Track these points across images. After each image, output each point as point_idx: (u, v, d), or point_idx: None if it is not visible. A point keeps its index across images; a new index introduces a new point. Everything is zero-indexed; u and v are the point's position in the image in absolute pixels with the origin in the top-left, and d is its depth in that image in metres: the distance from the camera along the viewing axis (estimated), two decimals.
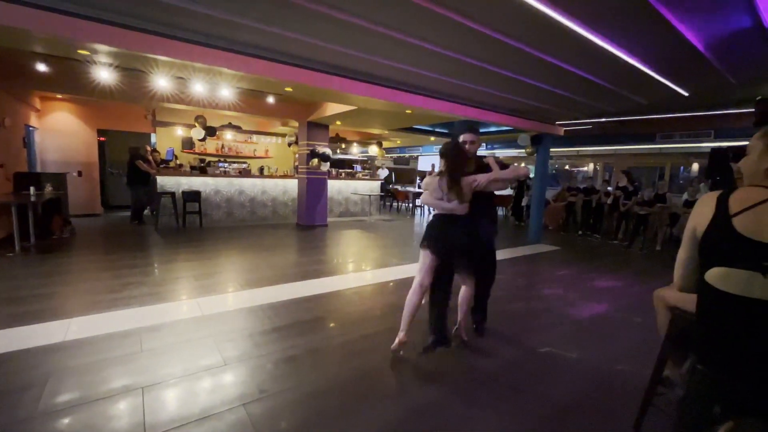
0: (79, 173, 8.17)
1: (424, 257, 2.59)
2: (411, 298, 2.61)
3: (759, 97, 4.57)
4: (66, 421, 1.84)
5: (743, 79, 4.42)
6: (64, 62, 4.88)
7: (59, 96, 7.43)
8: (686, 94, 4.98)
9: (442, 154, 2.58)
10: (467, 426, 1.96)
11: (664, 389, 1.91)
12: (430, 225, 2.64)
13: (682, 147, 9.19)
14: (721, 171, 5.42)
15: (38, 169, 7.37)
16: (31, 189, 5.19)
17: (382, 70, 4.41)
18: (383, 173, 12.25)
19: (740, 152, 1.27)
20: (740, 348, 1.09)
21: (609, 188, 8.84)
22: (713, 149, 5.96)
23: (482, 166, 2.73)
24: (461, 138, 2.76)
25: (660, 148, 9.61)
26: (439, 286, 2.67)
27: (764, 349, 1.05)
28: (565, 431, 1.97)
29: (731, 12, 2.82)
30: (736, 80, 4.40)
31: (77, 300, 3.40)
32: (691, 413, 1.23)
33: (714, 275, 1.11)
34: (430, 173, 2.99)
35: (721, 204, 1.13)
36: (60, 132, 7.96)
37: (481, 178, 2.55)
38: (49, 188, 5.74)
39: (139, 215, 7.60)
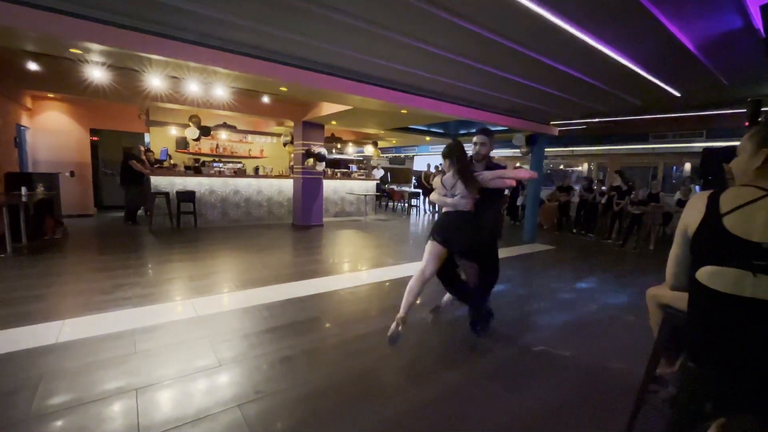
0: (72, 173, 8.09)
1: (430, 246, 2.71)
2: (412, 284, 2.67)
3: (750, 98, 4.63)
4: (59, 423, 1.82)
5: (734, 79, 4.47)
6: (56, 61, 4.84)
7: (51, 95, 7.35)
8: (678, 94, 5.04)
9: (447, 155, 2.69)
10: (462, 425, 1.97)
11: (657, 387, 1.93)
12: (436, 220, 2.80)
13: (674, 147, 9.28)
14: (713, 171, 5.48)
15: (30, 169, 7.27)
16: (23, 189, 5.12)
17: (378, 70, 4.41)
18: (378, 173, 12.25)
19: (731, 152, 1.29)
20: (731, 346, 1.10)
21: (603, 188, 8.91)
22: (705, 149, 6.03)
23: (492, 167, 2.78)
24: (473, 139, 2.81)
25: (653, 148, 9.71)
26: (447, 278, 2.83)
27: (755, 347, 1.07)
28: (559, 429, 1.98)
29: (722, 13, 2.86)
30: (727, 81, 4.45)
31: (70, 301, 3.36)
32: (684, 410, 1.24)
33: (705, 274, 1.12)
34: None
35: (712, 203, 1.15)
36: (52, 131, 7.88)
37: (487, 174, 2.66)
38: (40, 188, 5.67)
39: (132, 215, 7.53)
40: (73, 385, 2.12)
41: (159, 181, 7.22)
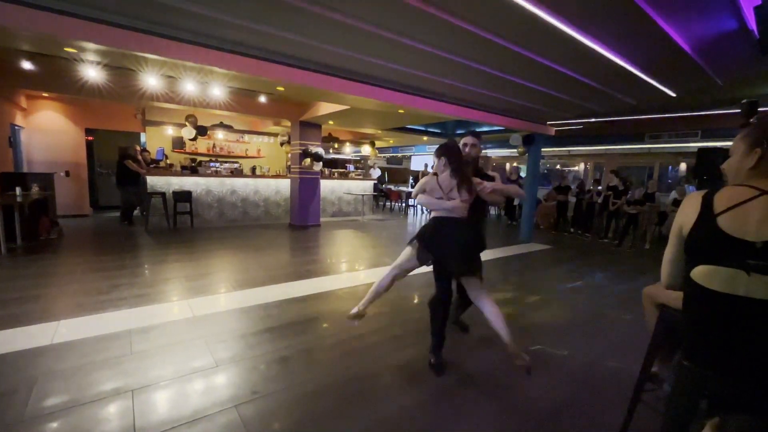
0: (67, 173, 8.03)
1: (407, 257, 2.51)
2: (381, 282, 2.61)
3: (744, 100, 4.67)
4: (54, 425, 1.81)
5: (729, 80, 4.50)
6: (51, 60, 4.79)
7: (46, 94, 7.29)
8: (674, 94, 5.06)
9: (443, 153, 2.45)
10: (459, 425, 1.97)
11: (652, 385, 1.95)
12: (425, 225, 2.48)
13: (670, 147, 9.34)
14: (708, 171, 5.51)
15: (24, 169, 7.23)
16: (17, 189, 5.08)
17: (375, 70, 4.41)
18: (375, 173, 12.22)
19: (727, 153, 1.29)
20: (725, 345, 1.11)
21: (599, 188, 8.95)
22: (701, 149, 6.07)
23: (479, 172, 2.72)
24: (462, 141, 2.75)
25: (649, 148, 9.76)
26: (440, 296, 2.53)
27: (749, 345, 1.07)
28: (556, 427, 1.99)
29: (717, 14, 2.88)
30: (722, 81, 4.48)
31: (65, 302, 3.34)
32: (678, 409, 1.25)
33: (699, 273, 1.13)
34: (425, 173, 2.89)
35: (706, 203, 1.15)
36: (47, 131, 7.82)
37: (488, 184, 2.47)
38: (35, 189, 5.63)
39: (128, 216, 7.50)
40: (69, 386, 2.11)
41: (155, 181, 7.19)
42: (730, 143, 1.26)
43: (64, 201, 7.68)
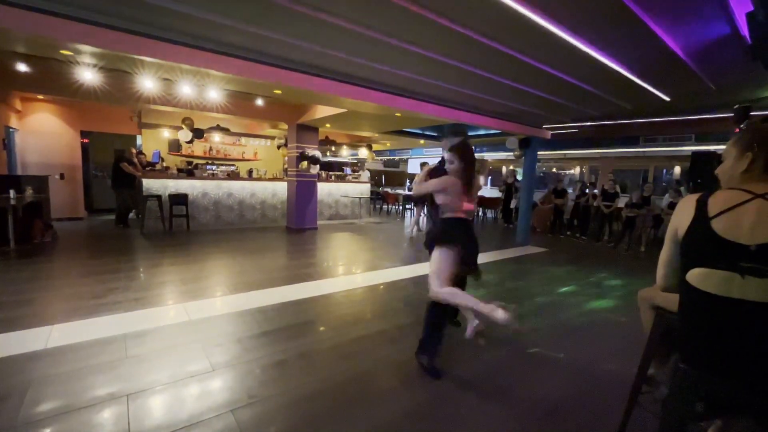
0: (62, 176, 7.98)
1: (445, 260, 2.29)
2: (454, 294, 2.24)
3: (738, 104, 4.72)
4: (47, 430, 1.79)
5: (722, 84, 4.56)
6: (46, 62, 4.78)
7: (41, 97, 7.26)
8: (668, 99, 5.11)
9: (462, 154, 2.37)
10: (457, 427, 1.97)
11: (649, 388, 1.95)
12: (450, 228, 2.36)
13: (664, 150, 9.43)
14: (702, 174, 5.57)
15: (19, 172, 7.16)
16: (11, 192, 5.05)
17: (372, 74, 4.42)
18: (365, 175, 12.08)
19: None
20: (721, 347, 1.12)
21: (595, 191, 9.00)
22: (695, 153, 6.13)
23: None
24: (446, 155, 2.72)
25: (643, 152, 9.85)
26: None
27: (745, 347, 1.08)
28: (553, 430, 1.99)
29: (710, 20, 2.91)
30: (715, 86, 4.53)
31: (59, 306, 3.31)
32: (675, 411, 1.26)
33: (694, 275, 1.14)
34: (430, 170, 2.75)
35: (701, 206, 1.17)
36: (42, 133, 7.77)
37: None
38: (29, 191, 5.58)
39: (124, 219, 7.45)
40: (63, 391, 2.09)
41: (151, 184, 7.15)
42: (723, 147, 1.28)
43: (58, 204, 7.61)
